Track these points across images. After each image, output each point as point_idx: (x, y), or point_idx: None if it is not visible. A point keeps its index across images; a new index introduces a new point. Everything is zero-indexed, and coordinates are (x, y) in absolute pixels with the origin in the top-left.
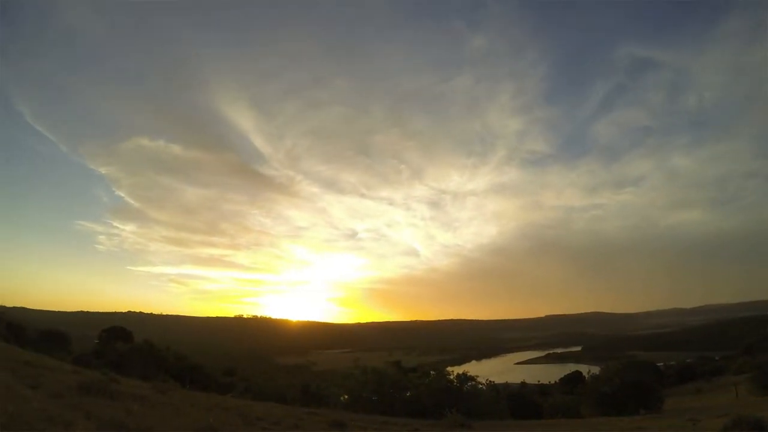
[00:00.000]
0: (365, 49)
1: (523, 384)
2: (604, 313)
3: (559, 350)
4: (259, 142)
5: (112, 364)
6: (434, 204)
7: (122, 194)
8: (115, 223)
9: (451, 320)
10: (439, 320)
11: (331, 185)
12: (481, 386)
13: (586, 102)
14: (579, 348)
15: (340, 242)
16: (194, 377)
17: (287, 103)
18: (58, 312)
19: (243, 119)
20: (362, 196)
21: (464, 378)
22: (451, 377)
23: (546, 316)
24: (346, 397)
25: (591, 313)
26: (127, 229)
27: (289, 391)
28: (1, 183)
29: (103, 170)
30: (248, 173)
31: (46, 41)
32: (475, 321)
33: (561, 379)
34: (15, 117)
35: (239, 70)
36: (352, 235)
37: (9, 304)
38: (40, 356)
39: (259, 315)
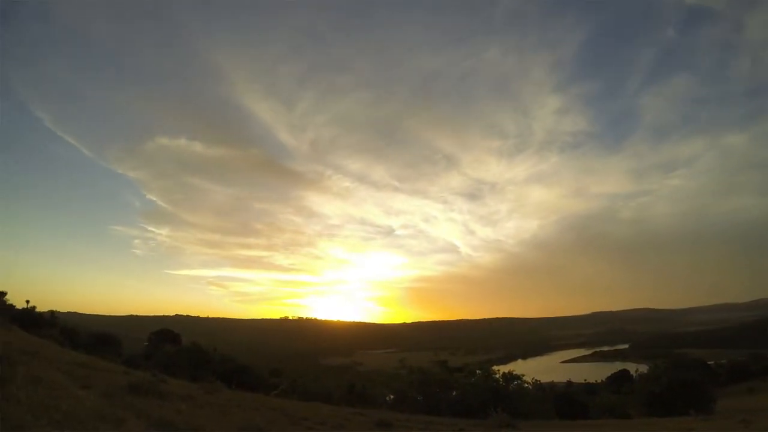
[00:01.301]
0: (381, 23)
1: (569, 383)
2: (652, 309)
3: (605, 348)
4: (281, 135)
5: (161, 366)
6: (472, 196)
7: (153, 198)
8: (149, 227)
9: (496, 318)
10: (483, 319)
11: (362, 179)
12: (526, 385)
13: (631, 72)
14: (626, 345)
15: (378, 240)
16: (241, 378)
17: (305, 90)
18: (109, 316)
19: (261, 110)
20: (395, 189)
21: (510, 377)
22: (497, 376)
23: (592, 313)
24: (391, 397)
25: (638, 309)
26: (162, 232)
27: (335, 391)
28: (30, 191)
29: (131, 174)
30: (275, 169)
31: (58, 45)
32: (519, 319)
33: (608, 378)
34: (34, 123)
35: (251, 57)
36: (389, 232)
37: (62, 309)
38: (92, 358)
39: (304, 316)
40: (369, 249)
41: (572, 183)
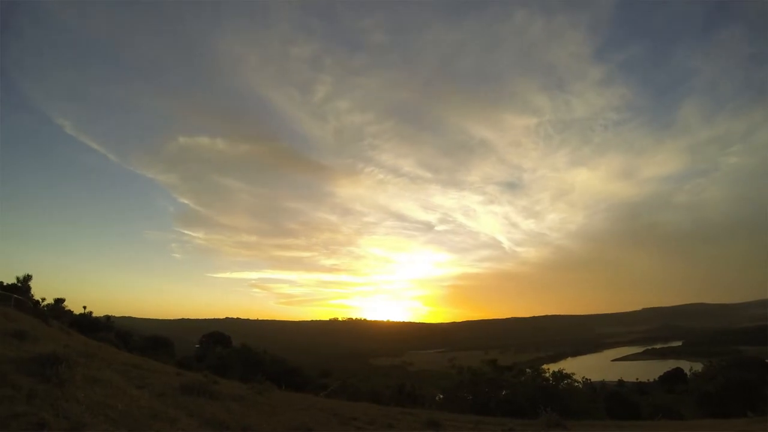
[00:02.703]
0: None
1: (621, 382)
2: (707, 303)
3: (658, 345)
4: (303, 125)
5: (213, 367)
6: (511, 185)
7: (186, 201)
8: (184, 231)
9: (545, 316)
10: (532, 316)
11: (394, 171)
12: (577, 384)
13: (679, 31)
14: (680, 343)
15: (418, 237)
16: (291, 379)
17: (321, 73)
18: (161, 320)
19: (277, 98)
20: (430, 181)
21: (560, 376)
22: (547, 375)
23: (643, 309)
24: (441, 396)
25: (693, 304)
26: (198, 235)
27: (385, 391)
28: (66, 201)
29: (161, 179)
30: (302, 164)
31: (70, 51)
32: (568, 316)
33: (660, 377)
34: (55, 131)
35: (259, 43)
36: (428, 228)
37: (117, 314)
38: (146, 360)
39: (353, 317)
40: (410, 247)
41: (619, 165)
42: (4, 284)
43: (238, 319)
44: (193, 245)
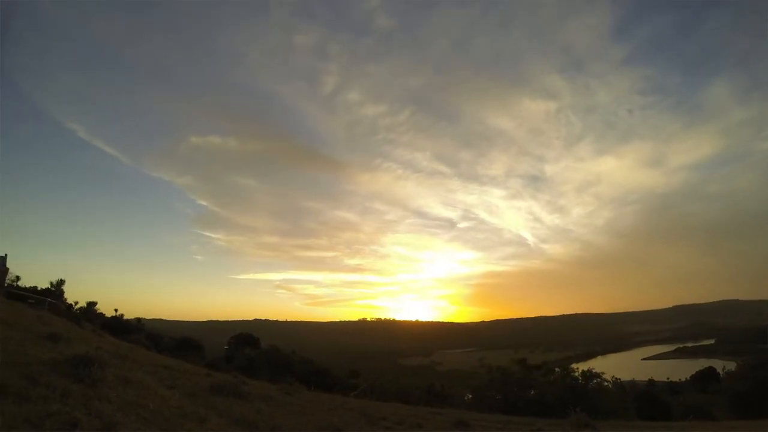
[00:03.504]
0: None
1: (651, 381)
2: (741, 300)
3: (689, 344)
4: (313, 120)
5: (242, 368)
6: (534, 178)
7: (204, 202)
8: (204, 233)
9: (574, 314)
10: (561, 315)
11: (411, 165)
12: (606, 384)
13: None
14: (712, 341)
15: (441, 235)
16: (319, 379)
17: (327, 61)
18: (191, 321)
19: (285, 91)
20: (448, 176)
21: (589, 375)
22: (576, 374)
23: (674, 306)
24: (470, 396)
25: (726, 300)
26: (218, 237)
27: (414, 391)
28: (82, 205)
29: (178, 181)
30: (316, 161)
31: (78, 56)
32: (598, 314)
33: (692, 377)
34: (67, 135)
35: (260, 34)
36: (450, 225)
37: (148, 316)
38: (176, 361)
39: (382, 317)
40: (434, 245)
41: (646, 153)
42: (39, 289)
43: (266, 320)
44: (213, 247)
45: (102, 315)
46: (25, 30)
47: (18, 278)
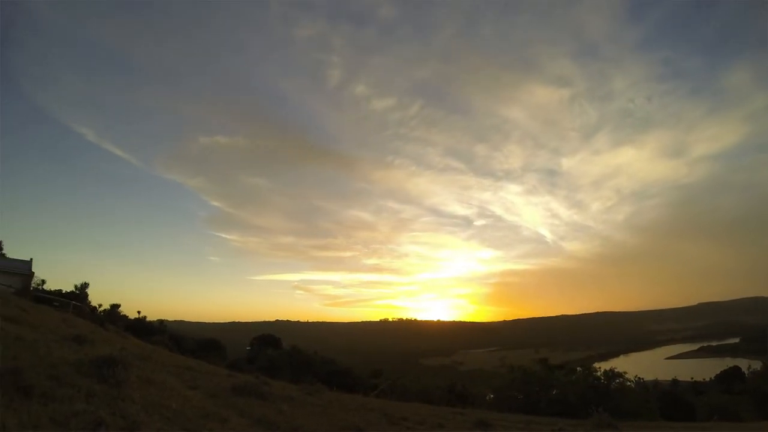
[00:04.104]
0: None
1: (675, 381)
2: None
3: (714, 342)
4: (321, 117)
5: (263, 369)
6: (550, 172)
7: (217, 204)
8: (219, 234)
9: (595, 313)
10: (582, 314)
11: (424, 161)
12: (629, 384)
13: None
14: (737, 339)
15: (458, 233)
16: (341, 379)
17: (330, 54)
18: (213, 323)
19: (289, 86)
20: (462, 171)
21: (611, 375)
22: (598, 374)
23: (698, 304)
24: (491, 396)
25: (752, 298)
26: (233, 238)
27: (435, 391)
28: (99, 209)
29: (190, 183)
30: (327, 158)
31: (83, 60)
32: (620, 313)
33: (717, 376)
34: (76, 139)
35: (261, 28)
36: (467, 223)
37: (170, 318)
38: (198, 362)
39: (404, 317)
40: (451, 243)
41: (667, 143)
42: (64, 292)
43: (287, 321)
44: (228, 248)
45: (125, 317)
46: (30, 36)
47: (43, 282)
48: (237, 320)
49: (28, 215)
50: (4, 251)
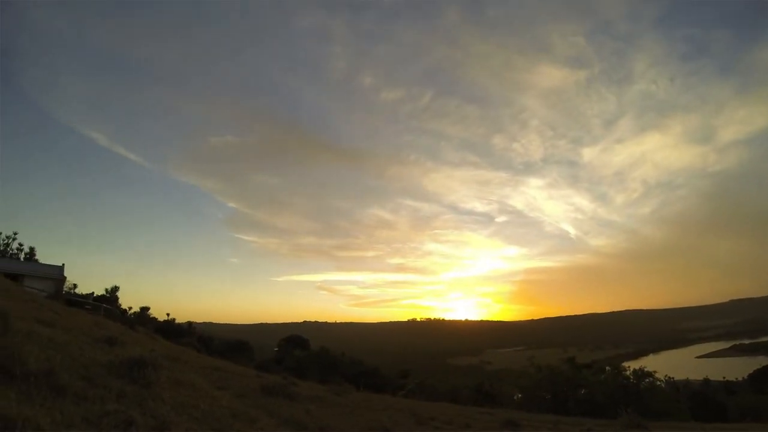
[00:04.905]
0: None
1: (706, 381)
2: None
3: (747, 341)
4: (329, 112)
5: (292, 369)
6: (571, 163)
7: (233, 205)
8: (237, 235)
9: (624, 311)
10: (610, 312)
11: (439, 156)
12: (659, 383)
13: None
14: None
15: (480, 231)
16: (369, 380)
17: (331, 44)
18: (241, 324)
19: (293, 81)
20: (479, 165)
21: (641, 374)
22: (627, 374)
23: (731, 301)
24: (519, 395)
25: None
26: (252, 239)
27: (462, 390)
28: (119, 213)
29: (206, 185)
30: (340, 155)
31: (89, 65)
32: (649, 311)
33: (750, 375)
34: (88, 144)
35: (259, 21)
36: (488, 220)
37: (198, 320)
38: (226, 363)
39: (432, 317)
40: (474, 241)
41: (693, 128)
42: (95, 295)
43: (315, 322)
44: (248, 249)
45: (155, 319)
46: (32, 44)
47: (75, 286)
48: (264, 321)
49: (58, 222)
50: (36, 257)
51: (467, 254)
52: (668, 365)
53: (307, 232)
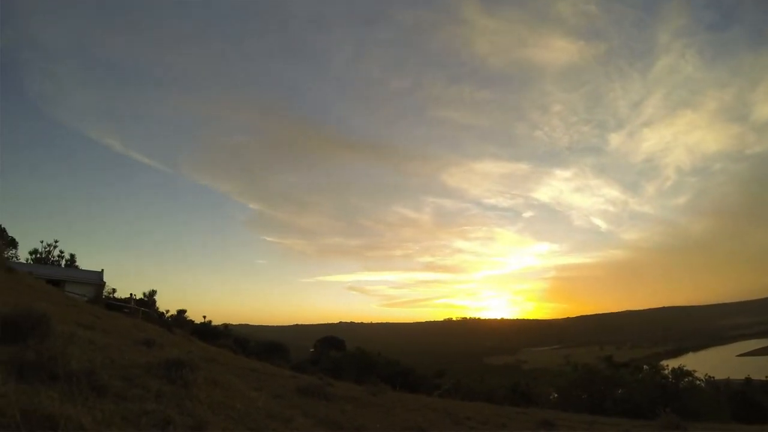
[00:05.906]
0: None
1: (748, 380)
2: None
3: None
4: (333, 104)
5: (327, 370)
6: (596, 150)
7: (255, 206)
8: (262, 237)
9: (662, 308)
10: (648, 309)
11: (459, 149)
12: (698, 383)
13: None
14: None
15: (508, 227)
16: (404, 380)
17: (328, 33)
18: (276, 326)
19: (296, 76)
20: (501, 158)
21: (680, 373)
22: (666, 372)
23: None
24: (555, 395)
25: None
26: (277, 240)
27: (498, 390)
28: (147, 219)
29: (226, 187)
30: (356, 152)
31: (96, 71)
32: (688, 307)
33: None
34: (103, 151)
35: (257, 15)
36: (515, 215)
37: (234, 321)
38: (262, 364)
39: (468, 317)
40: (502, 238)
41: (728, 103)
42: (136, 298)
43: (351, 322)
44: (274, 251)
45: (191, 321)
46: (36, 55)
47: (114, 290)
48: (299, 323)
49: (95, 229)
50: (77, 264)
51: (497, 251)
52: (708, 364)
53: (332, 231)
